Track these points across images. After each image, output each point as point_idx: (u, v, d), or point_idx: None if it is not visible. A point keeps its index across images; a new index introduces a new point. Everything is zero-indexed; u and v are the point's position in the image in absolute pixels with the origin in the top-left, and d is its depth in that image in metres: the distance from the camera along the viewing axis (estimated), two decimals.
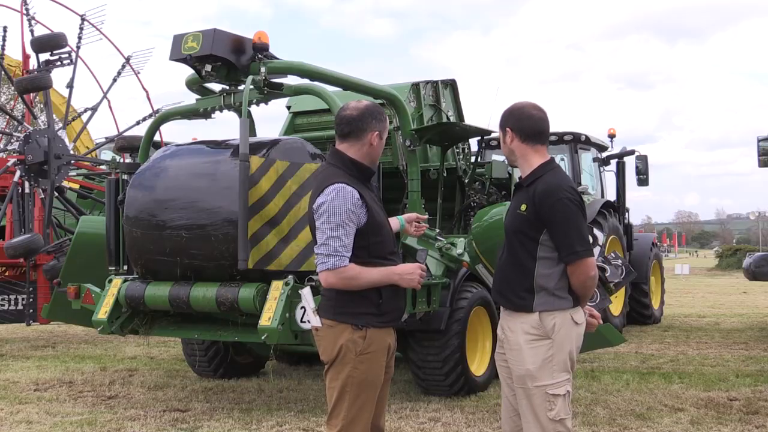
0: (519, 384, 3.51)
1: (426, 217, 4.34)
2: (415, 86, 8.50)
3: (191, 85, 7.06)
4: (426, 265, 6.21)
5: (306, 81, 6.76)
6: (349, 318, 3.36)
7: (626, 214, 13.03)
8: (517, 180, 3.73)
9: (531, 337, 3.46)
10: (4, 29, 14.21)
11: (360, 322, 3.34)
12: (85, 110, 13.81)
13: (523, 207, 3.50)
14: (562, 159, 12.94)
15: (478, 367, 7.32)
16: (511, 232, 3.58)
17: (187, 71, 6.86)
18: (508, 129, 3.58)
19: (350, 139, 3.48)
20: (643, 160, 13.33)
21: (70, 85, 13.06)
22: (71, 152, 12.18)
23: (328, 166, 3.51)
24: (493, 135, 9.06)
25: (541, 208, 3.42)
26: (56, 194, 11.68)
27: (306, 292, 3.54)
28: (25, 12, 13.01)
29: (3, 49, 14.08)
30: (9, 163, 11.65)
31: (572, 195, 3.41)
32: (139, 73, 14.79)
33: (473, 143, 9.41)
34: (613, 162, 13.11)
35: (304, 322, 5.82)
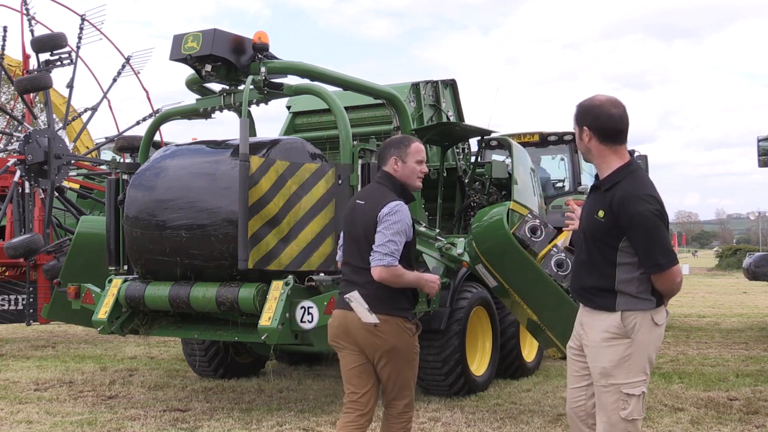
0: (595, 381, 3.50)
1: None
2: (415, 86, 8.50)
3: (191, 85, 7.06)
4: (426, 266, 6.34)
5: (306, 81, 6.76)
6: (401, 312, 4.05)
7: None
8: (594, 179, 3.63)
9: (609, 335, 3.42)
10: (4, 29, 14.21)
11: (408, 315, 4.09)
12: (85, 110, 13.80)
13: (601, 213, 3.41)
14: (562, 159, 12.95)
15: (478, 367, 7.32)
16: (589, 237, 3.51)
17: (187, 71, 6.86)
18: (585, 128, 3.45)
19: (381, 164, 4.25)
20: (643, 160, 13.31)
21: (70, 85, 13.06)
22: (71, 152, 12.18)
23: (380, 186, 4.18)
24: (493, 135, 9.06)
25: (620, 218, 3.33)
26: (56, 194, 11.68)
27: (356, 296, 4.03)
28: (25, 12, 13.02)
29: (3, 49, 14.08)
30: (9, 163, 11.64)
31: (652, 205, 3.31)
32: (139, 73, 14.81)
33: (473, 143, 9.42)
34: None
35: (304, 322, 5.83)
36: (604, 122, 3.41)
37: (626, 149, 3.48)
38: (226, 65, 6.48)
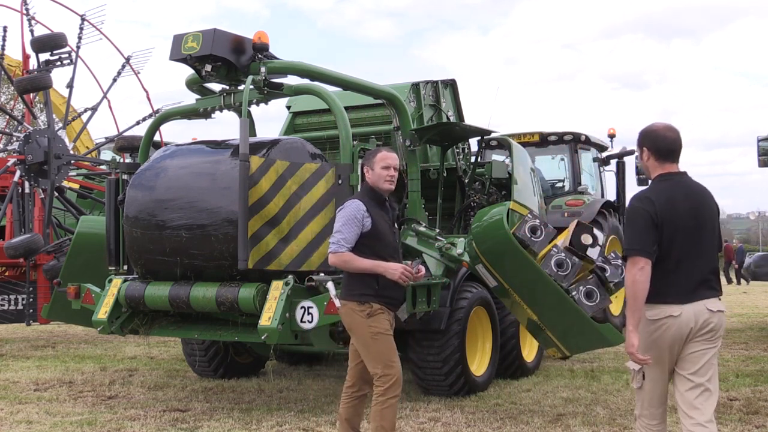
0: None
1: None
2: (415, 86, 8.49)
3: (191, 85, 7.06)
4: (426, 266, 6.51)
5: (306, 81, 6.76)
6: (354, 297, 4.69)
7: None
8: None
9: None
10: (4, 29, 14.23)
11: (362, 300, 4.66)
12: (85, 110, 13.82)
13: None
14: (562, 159, 12.94)
15: (478, 367, 7.32)
16: None
17: (187, 71, 6.86)
18: (645, 148, 4.04)
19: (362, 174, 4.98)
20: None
21: (70, 85, 13.07)
22: (71, 152, 12.19)
23: (358, 191, 5.07)
24: (493, 135, 9.05)
25: None
26: (56, 194, 11.68)
27: (330, 286, 5.11)
28: (25, 12, 13.03)
29: (3, 49, 14.10)
30: (9, 163, 11.66)
31: (638, 203, 3.89)
32: (139, 73, 14.83)
33: (473, 143, 9.41)
34: (613, 162, 13.11)
35: (304, 322, 5.84)
36: (659, 143, 4.00)
37: (676, 167, 3.99)
38: (226, 65, 6.48)
